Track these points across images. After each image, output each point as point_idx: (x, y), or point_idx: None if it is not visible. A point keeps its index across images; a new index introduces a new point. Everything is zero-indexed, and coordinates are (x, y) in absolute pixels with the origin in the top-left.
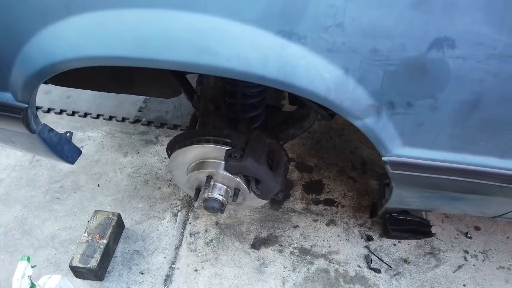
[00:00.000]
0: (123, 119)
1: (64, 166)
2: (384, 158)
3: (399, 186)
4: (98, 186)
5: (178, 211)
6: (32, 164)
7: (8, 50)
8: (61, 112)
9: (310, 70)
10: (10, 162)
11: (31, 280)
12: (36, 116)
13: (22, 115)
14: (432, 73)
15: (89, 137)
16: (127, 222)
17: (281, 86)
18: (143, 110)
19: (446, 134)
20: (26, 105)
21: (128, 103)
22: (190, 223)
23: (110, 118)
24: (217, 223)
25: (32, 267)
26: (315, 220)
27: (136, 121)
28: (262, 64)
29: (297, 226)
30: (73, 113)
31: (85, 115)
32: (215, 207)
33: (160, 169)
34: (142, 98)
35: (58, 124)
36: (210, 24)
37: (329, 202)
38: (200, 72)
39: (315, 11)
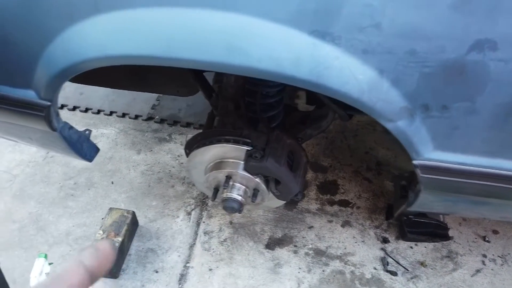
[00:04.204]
0: (136, 117)
1: (78, 162)
2: (414, 162)
3: (427, 190)
4: (112, 183)
5: (192, 210)
6: (46, 160)
7: (33, 49)
8: (74, 108)
9: (343, 71)
10: (24, 158)
11: None
12: (57, 114)
13: (44, 113)
14: (471, 76)
15: (102, 134)
16: (141, 220)
17: (313, 87)
18: (156, 107)
19: (481, 138)
20: (49, 103)
21: (141, 100)
22: (204, 222)
23: (123, 115)
24: (231, 223)
25: (49, 264)
26: (330, 221)
27: (149, 118)
28: (294, 65)
29: (312, 226)
30: (86, 110)
31: (98, 112)
32: (234, 207)
33: (173, 167)
34: (155, 95)
35: (72, 120)
36: (242, 23)
37: (344, 203)
38: (230, 72)
39: (351, 10)
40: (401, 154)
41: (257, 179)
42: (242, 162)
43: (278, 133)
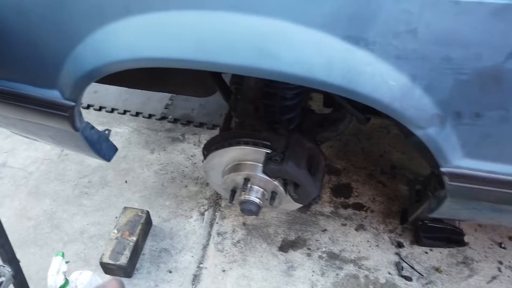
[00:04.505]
0: (150, 116)
1: (92, 161)
2: (442, 169)
3: (453, 198)
4: (126, 182)
5: (205, 210)
6: (61, 158)
7: (61, 50)
8: (88, 107)
9: (375, 77)
10: (39, 156)
11: (65, 276)
12: (80, 114)
13: (68, 113)
14: (508, 84)
15: (116, 133)
16: (154, 220)
17: (343, 93)
18: (170, 107)
19: None
20: (74, 104)
21: (154, 99)
22: (217, 223)
23: (137, 114)
24: (244, 224)
25: (66, 263)
26: (344, 225)
27: (163, 118)
28: (326, 70)
29: (325, 230)
30: (100, 108)
31: (112, 110)
32: (252, 210)
33: (186, 167)
34: (168, 95)
35: (85, 119)
36: (273, 27)
37: (358, 207)
38: (259, 76)
39: (387, 16)
40: (416, 158)
41: (276, 182)
42: (261, 165)
43: (298, 136)
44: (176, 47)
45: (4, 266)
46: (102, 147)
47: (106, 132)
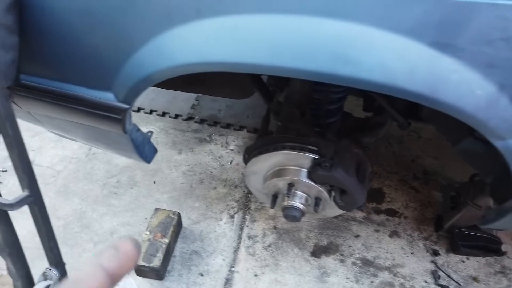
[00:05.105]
0: (176, 116)
1: (120, 160)
2: None
3: None
4: (154, 182)
5: (235, 213)
6: (88, 157)
7: (121, 52)
8: None
9: (461, 85)
10: (67, 154)
11: None
12: (131, 117)
13: (121, 115)
14: None
15: None
16: (184, 221)
17: (424, 101)
18: (196, 107)
19: None
20: (128, 107)
21: (180, 99)
22: (247, 226)
23: (163, 114)
24: (275, 228)
25: None
26: (377, 231)
27: (189, 118)
28: (408, 77)
29: (358, 235)
30: None
31: (139, 110)
32: (296, 216)
33: (214, 168)
34: (194, 95)
35: None
36: (355, 32)
37: (391, 212)
38: (333, 82)
39: (481, 23)
40: (449, 164)
41: (321, 188)
42: (305, 170)
43: (346, 142)
44: (249, 52)
45: (51, 269)
46: (145, 149)
47: (149, 134)
